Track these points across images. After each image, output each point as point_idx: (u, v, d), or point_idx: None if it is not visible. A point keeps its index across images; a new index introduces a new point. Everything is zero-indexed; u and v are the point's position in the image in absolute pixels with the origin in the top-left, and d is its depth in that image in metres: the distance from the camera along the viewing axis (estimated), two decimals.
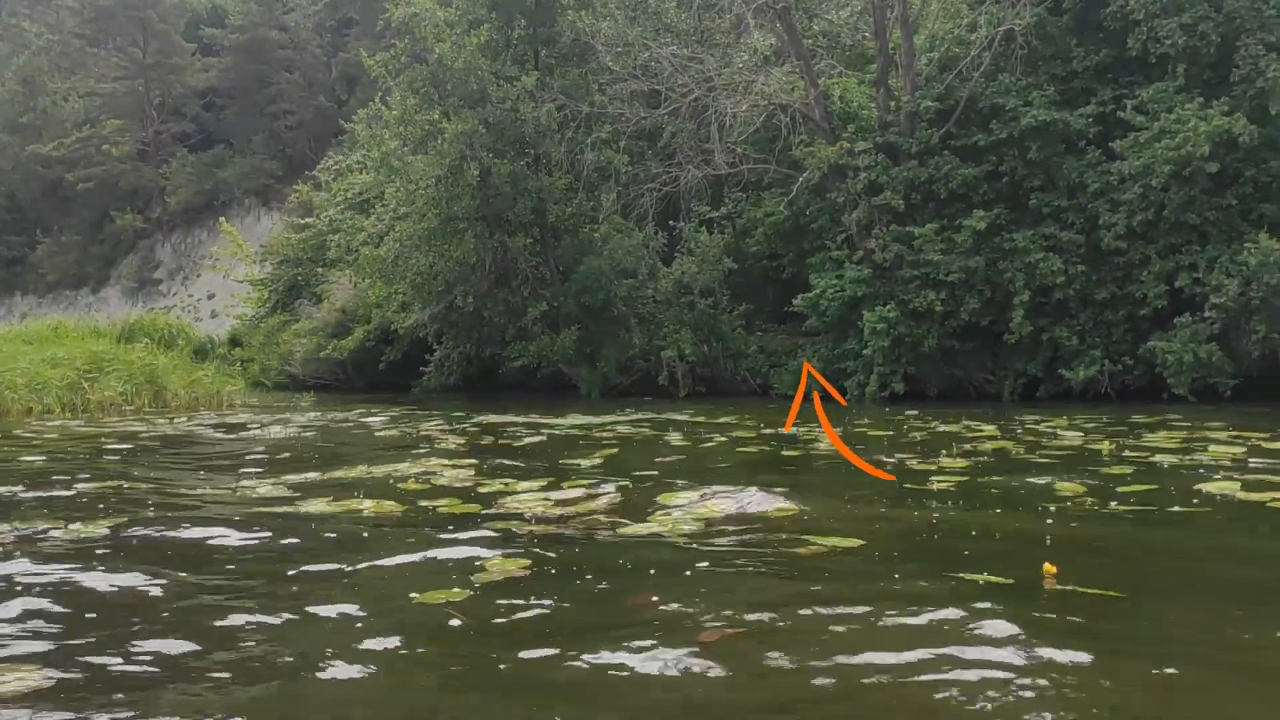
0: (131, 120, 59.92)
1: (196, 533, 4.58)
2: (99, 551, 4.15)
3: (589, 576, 3.77)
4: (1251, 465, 7.15)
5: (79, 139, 58.11)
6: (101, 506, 5.41)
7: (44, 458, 8.48)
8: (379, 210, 23.16)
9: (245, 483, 6.44)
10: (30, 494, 5.87)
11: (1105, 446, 8.47)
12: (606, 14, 21.29)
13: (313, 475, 6.80)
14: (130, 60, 59.44)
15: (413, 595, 3.46)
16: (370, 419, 13.70)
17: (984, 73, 18.24)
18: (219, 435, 11.04)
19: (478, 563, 3.93)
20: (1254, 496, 5.64)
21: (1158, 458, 7.72)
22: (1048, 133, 17.74)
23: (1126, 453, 8.07)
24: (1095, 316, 17.80)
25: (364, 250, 21.01)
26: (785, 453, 8.80)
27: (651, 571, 3.87)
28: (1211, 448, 8.21)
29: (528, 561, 3.96)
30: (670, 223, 22.76)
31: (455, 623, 3.06)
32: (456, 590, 3.50)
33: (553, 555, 4.11)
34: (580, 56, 21.38)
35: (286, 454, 8.98)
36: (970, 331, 18.58)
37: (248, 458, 8.63)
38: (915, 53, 18.84)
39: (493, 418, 13.37)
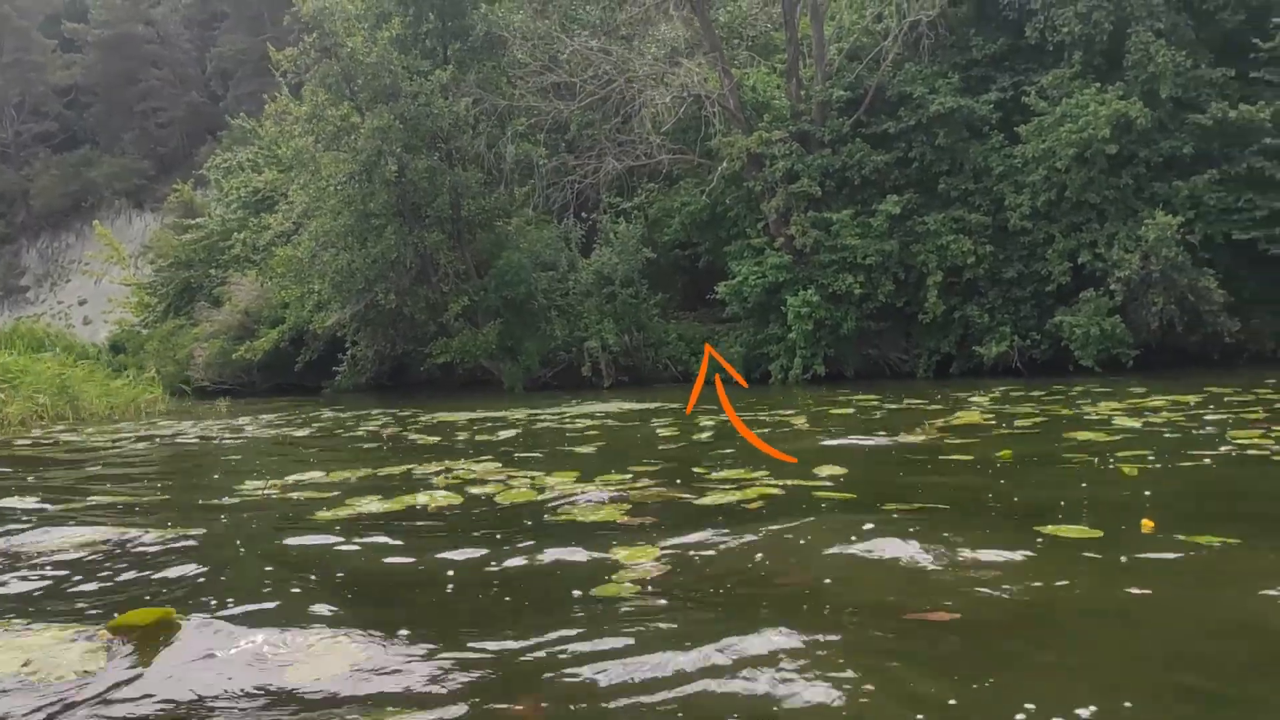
0: None
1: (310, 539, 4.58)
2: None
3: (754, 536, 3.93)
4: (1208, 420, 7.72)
5: None
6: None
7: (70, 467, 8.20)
8: (284, 208, 22.70)
9: (272, 484, 6.41)
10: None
11: (1067, 412, 9.01)
12: (518, 6, 21.27)
13: (342, 476, 6.78)
14: None
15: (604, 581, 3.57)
16: (321, 422, 13.53)
17: (891, 62, 18.86)
18: (189, 445, 10.78)
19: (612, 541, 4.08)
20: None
21: (1119, 421, 8.25)
22: (953, 119, 18.48)
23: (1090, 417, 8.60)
24: (1003, 294, 18.63)
25: (280, 250, 20.57)
26: (784, 435, 9.05)
27: (773, 526, 4.05)
28: (1165, 412, 8.81)
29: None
30: (583, 214, 22.92)
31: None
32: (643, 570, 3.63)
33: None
34: (491, 50, 21.32)
35: (282, 457, 8.87)
36: (885, 312, 19.23)
37: (233, 462, 8.50)
38: (825, 43, 19.34)
39: (444, 415, 13.34)
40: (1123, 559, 3.48)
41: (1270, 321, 18.08)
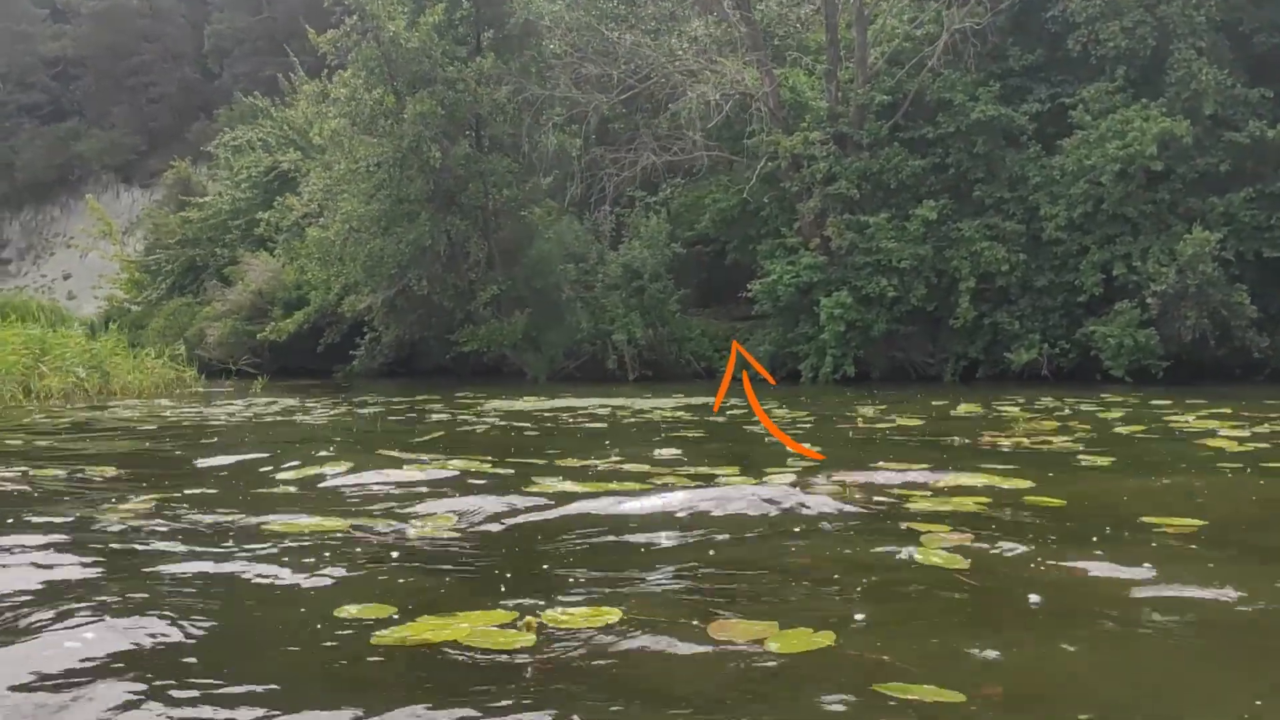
0: None
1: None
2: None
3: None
4: None
5: None
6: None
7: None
8: (308, 189, 22.54)
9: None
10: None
11: (1163, 419, 9.19)
12: None
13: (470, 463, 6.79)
14: None
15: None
16: (375, 406, 13.50)
17: (930, 69, 19.02)
18: (286, 421, 10.73)
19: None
20: None
21: (1229, 431, 8.41)
22: (992, 127, 18.67)
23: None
24: (1034, 303, 18.86)
25: (311, 231, 20.45)
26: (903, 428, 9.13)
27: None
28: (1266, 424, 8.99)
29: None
30: (605, 208, 22.91)
31: None
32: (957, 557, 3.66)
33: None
34: (521, 39, 21.26)
35: (393, 436, 8.87)
36: (914, 316, 19.40)
37: (354, 440, 8.48)
38: (868, 46, 19.46)
39: (501, 404, 13.33)
40: None
41: None
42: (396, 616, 2.79)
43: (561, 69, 20.78)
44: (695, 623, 2.74)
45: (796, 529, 4.29)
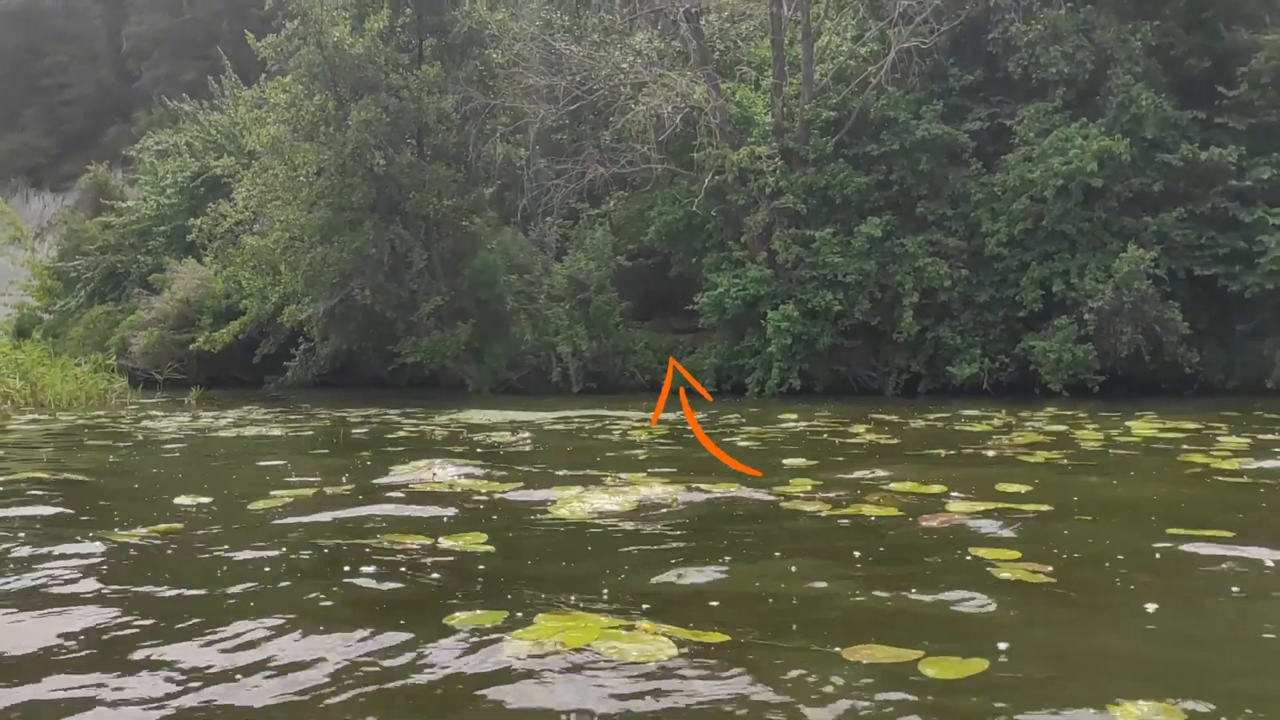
0: None
1: None
2: None
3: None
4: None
5: None
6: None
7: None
8: (243, 196, 21.97)
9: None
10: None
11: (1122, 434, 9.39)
12: (492, 4, 21.07)
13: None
14: None
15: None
16: (320, 420, 13.18)
17: (874, 87, 19.26)
18: (242, 437, 10.39)
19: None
20: None
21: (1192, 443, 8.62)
22: (935, 145, 18.97)
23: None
24: (975, 317, 19.18)
25: (248, 240, 19.93)
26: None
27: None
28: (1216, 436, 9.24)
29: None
30: (549, 219, 22.75)
31: None
32: None
33: None
34: (464, 49, 21.02)
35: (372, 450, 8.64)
36: (858, 330, 19.59)
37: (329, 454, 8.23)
38: (813, 63, 19.65)
39: (455, 416, 13.12)
40: None
41: (1220, 354, 18.99)
42: None
43: (507, 79, 20.60)
44: None
45: None
